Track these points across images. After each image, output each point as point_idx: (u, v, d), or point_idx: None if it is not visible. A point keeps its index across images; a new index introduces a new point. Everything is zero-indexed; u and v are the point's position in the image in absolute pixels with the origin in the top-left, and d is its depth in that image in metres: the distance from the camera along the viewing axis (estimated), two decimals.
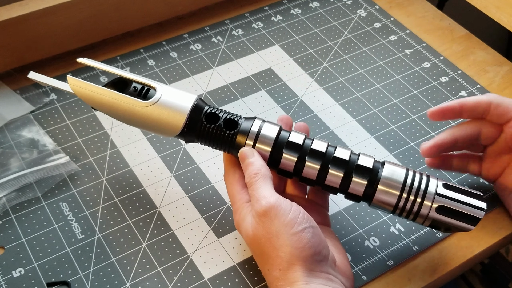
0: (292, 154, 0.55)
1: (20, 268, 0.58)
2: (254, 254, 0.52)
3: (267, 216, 0.49)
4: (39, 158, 0.66)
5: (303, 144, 0.55)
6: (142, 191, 0.65)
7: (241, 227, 0.53)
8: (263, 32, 0.84)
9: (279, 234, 0.48)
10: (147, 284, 0.57)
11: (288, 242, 0.48)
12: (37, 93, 0.73)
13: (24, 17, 0.71)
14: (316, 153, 0.54)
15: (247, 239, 0.52)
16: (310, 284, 0.47)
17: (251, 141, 0.55)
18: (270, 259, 0.49)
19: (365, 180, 0.54)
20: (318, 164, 0.54)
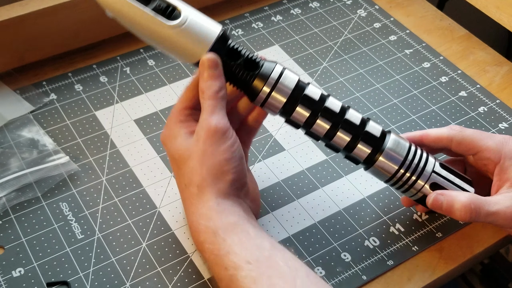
0: (306, 109, 0.54)
1: (20, 268, 0.58)
2: (177, 168, 0.54)
3: (212, 137, 0.50)
4: (39, 158, 0.66)
5: (318, 100, 0.54)
6: (142, 191, 0.65)
7: (169, 142, 0.54)
8: (263, 32, 0.84)
9: (213, 156, 0.50)
10: (147, 284, 0.57)
11: (218, 165, 0.50)
12: (37, 93, 0.73)
13: (24, 17, 0.71)
14: (329, 112, 0.54)
15: (175, 153, 0.53)
16: (221, 205, 0.50)
17: (268, 87, 0.53)
18: (192, 176, 0.51)
19: (370, 148, 0.55)
20: (328, 124, 0.54)
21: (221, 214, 0.50)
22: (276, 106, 0.54)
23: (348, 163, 0.68)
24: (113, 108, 0.73)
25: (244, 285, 0.46)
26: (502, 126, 0.73)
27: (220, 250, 0.48)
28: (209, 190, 0.51)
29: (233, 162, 0.51)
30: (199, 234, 0.50)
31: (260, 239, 0.49)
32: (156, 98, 0.74)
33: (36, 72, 0.76)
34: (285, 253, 0.49)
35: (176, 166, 0.54)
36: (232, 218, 0.50)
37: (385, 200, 0.65)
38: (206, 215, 0.50)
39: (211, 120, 0.51)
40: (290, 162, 0.68)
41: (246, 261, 0.47)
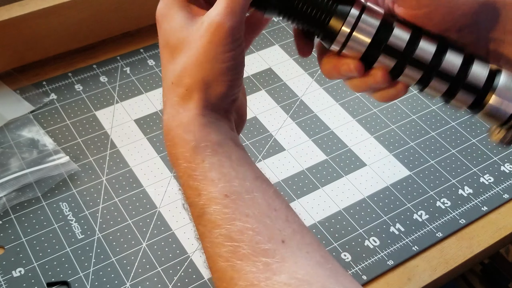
0: (391, 58, 0.44)
1: (20, 268, 0.58)
2: (168, 55, 0.44)
3: (220, 39, 0.42)
4: (39, 158, 0.66)
5: (406, 45, 0.44)
6: (142, 191, 0.65)
7: (165, 21, 0.45)
8: (263, 32, 0.84)
9: (214, 61, 0.42)
10: (147, 284, 0.57)
11: (216, 72, 0.43)
12: (37, 93, 0.73)
13: (24, 17, 0.71)
14: (419, 62, 0.44)
15: (171, 36, 0.44)
16: (206, 117, 0.43)
17: (348, 27, 0.43)
18: (184, 75, 0.43)
19: (471, 99, 0.45)
20: (418, 75, 0.44)
21: (204, 128, 0.43)
22: (356, 53, 0.45)
23: (348, 163, 0.68)
24: (113, 108, 0.73)
25: (215, 220, 0.40)
26: None
27: (196, 171, 0.42)
28: (198, 96, 0.43)
29: (234, 73, 0.43)
30: (175, 146, 0.43)
31: (242, 166, 0.42)
32: (156, 98, 0.74)
33: (36, 72, 0.76)
34: (268, 188, 0.42)
35: (169, 52, 0.44)
36: (215, 136, 0.43)
37: (385, 200, 0.65)
38: (187, 125, 0.43)
39: (226, 20, 0.41)
40: (290, 162, 0.68)
41: (221, 193, 0.41)
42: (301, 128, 0.72)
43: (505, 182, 0.67)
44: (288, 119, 0.73)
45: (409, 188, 0.66)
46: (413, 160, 0.69)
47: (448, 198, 0.66)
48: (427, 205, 0.65)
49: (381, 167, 0.68)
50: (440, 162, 0.69)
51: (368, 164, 0.68)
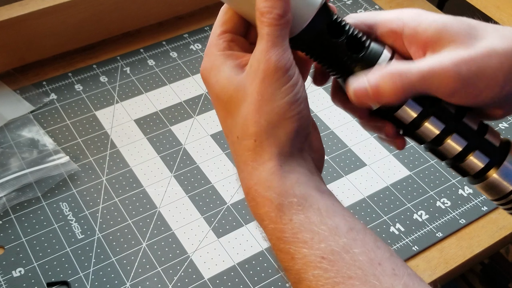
0: (436, 127, 0.41)
1: (20, 268, 0.58)
2: (224, 112, 0.42)
3: (272, 76, 0.39)
4: (39, 158, 0.66)
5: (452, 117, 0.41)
6: (142, 191, 0.65)
7: (212, 77, 0.42)
8: None
9: (273, 100, 0.40)
10: (147, 284, 0.57)
11: (279, 111, 0.40)
12: (37, 93, 0.73)
13: (24, 17, 0.71)
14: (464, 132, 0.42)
15: (221, 92, 0.41)
16: (284, 166, 0.40)
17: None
18: (247, 125, 0.40)
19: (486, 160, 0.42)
20: (459, 147, 0.42)
21: (284, 181, 0.39)
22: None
23: (348, 163, 0.68)
24: (113, 108, 0.73)
25: (315, 287, 0.37)
26: (502, 126, 0.73)
27: (285, 232, 0.38)
28: (269, 143, 0.40)
29: (297, 106, 0.40)
30: (257, 206, 0.40)
31: (333, 218, 0.39)
32: (156, 98, 0.74)
33: (36, 72, 0.76)
34: (365, 239, 0.38)
35: (224, 109, 0.42)
36: (298, 188, 0.39)
37: (385, 200, 0.65)
38: (266, 181, 0.39)
39: (271, 54, 0.39)
40: None
41: (317, 255, 0.37)
42: None
43: None
44: None
45: (409, 188, 0.66)
46: (413, 160, 0.69)
47: (448, 198, 0.66)
48: (427, 205, 0.65)
49: (381, 167, 0.68)
50: (440, 162, 0.69)
51: (368, 164, 0.68)
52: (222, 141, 0.70)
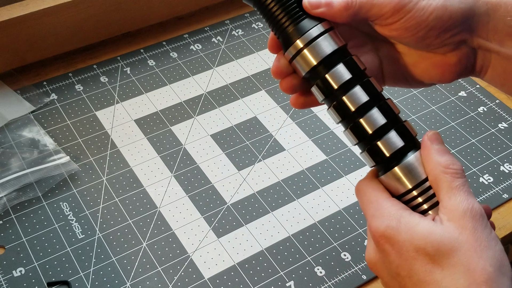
0: (320, 93, 0.45)
1: (21, 267, 0.58)
2: (430, 264, 0.40)
3: (481, 223, 0.40)
4: (40, 158, 0.66)
5: (339, 87, 0.44)
6: (142, 191, 0.65)
7: (405, 230, 0.40)
8: (263, 32, 0.84)
9: (489, 246, 0.40)
10: (147, 284, 0.57)
11: (497, 255, 0.40)
12: (37, 93, 0.73)
13: (24, 17, 0.71)
14: (343, 107, 0.44)
15: (425, 244, 0.40)
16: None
17: (302, 42, 0.44)
18: (469, 272, 0.39)
19: (371, 163, 0.45)
20: (337, 118, 0.45)
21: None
22: (302, 69, 0.45)
23: (348, 163, 0.68)
24: (113, 108, 0.73)
25: None
26: (501, 126, 0.73)
27: None
28: (501, 283, 0.39)
29: (502, 251, 0.40)
30: None
31: None
32: (156, 98, 0.74)
33: (37, 72, 0.76)
34: None
35: (430, 260, 0.40)
36: None
37: None
38: None
39: (472, 202, 0.40)
40: (290, 162, 0.68)
41: None
42: (301, 128, 0.72)
43: (504, 182, 0.67)
44: (288, 119, 0.73)
45: None
46: None
47: None
48: None
49: None
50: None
51: None
52: (222, 141, 0.70)
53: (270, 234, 0.62)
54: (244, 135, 0.71)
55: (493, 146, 0.71)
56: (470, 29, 0.45)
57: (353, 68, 0.44)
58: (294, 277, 0.58)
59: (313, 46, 0.44)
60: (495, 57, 0.46)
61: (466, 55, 0.46)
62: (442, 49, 0.45)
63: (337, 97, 0.44)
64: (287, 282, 0.58)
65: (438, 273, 0.39)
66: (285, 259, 0.60)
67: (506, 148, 0.71)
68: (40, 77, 0.76)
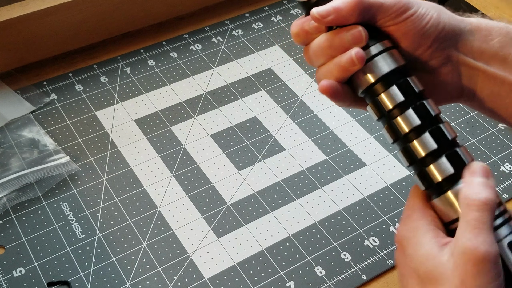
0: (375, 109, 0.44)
1: (21, 267, 0.58)
2: (417, 281, 0.40)
3: (477, 267, 0.37)
4: (40, 158, 0.66)
5: (392, 109, 0.43)
6: (142, 191, 0.65)
7: (410, 248, 0.41)
8: (263, 32, 0.84)
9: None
10: (147, 284, 0.57)
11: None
12: (37, 93, 0.73)
13: (24, 17, 0.71)
14: (393, 126, 0.43)
15: (418, 266, 0.40)
16: None
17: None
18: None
19: (422, 185, 0.43)
20: (387, 134, 0.44)
21: None
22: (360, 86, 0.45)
23: (347, 163, 0.68)
24: (113, 108, 0.73)
25: None
26: (501, 126, 0.73)
27: None
28: None
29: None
30: None
31: None
32: (156, 98, 0.74)
33: (37, 72, 0.76)
34: None
35: (418, 282, 0.40)
36: None
37: (385, 200, 0.65)
38: None
39: (477, 242, 0.37)
40: (290, 162, 0.68)
41: None
42: (301, 128, 0.72)
43: (504, 182, 0.67)
44: (288, 119, 0.73)
45: (408, 188, 0.66)
46: None
47: None
48: None
49: (380, 167, 0.68)
50: None
51: (368, 164, 0.69)
52: (222, 141, 0.70)
53: (270, 234, 0.62)
54: (244, 135, 0.71)
55: (493, 146, 0.71)
56: (457, 47, 0.46)
57: (406, 90, 0.43)
58: (294, 277, 0.58)
59: (370, 64, 0.43)
60: (482, 78, 0.46)
61: (451, 74, 0.46)
62: (430, 64, 0.46)
63: (389, 119, 0.43)
64: (287, 282, 0.58)
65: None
66: (285, 259, 0.60)
67: (506, 148, 0.71)
68: (40, 77, 0.76)
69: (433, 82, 0.47)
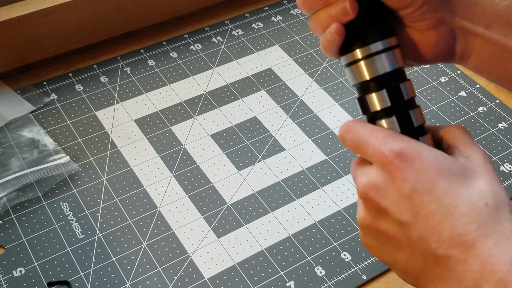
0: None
1: (21, 267, 0.58)
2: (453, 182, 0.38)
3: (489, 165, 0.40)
4: (40, 158, 0.66)
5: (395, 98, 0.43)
6: (142, 191, 0.65)
7: (427, 150, 0.39)
8: (263, 32, 0.84)
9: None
10: (147, 284, 0.57)
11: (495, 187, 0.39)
12: (37, 93, 0.73)
13: (24, 17, 0.71)
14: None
15: (451, 164, 0.39)
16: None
17: (362, 53, 0.43)
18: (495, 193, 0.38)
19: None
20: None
21: None
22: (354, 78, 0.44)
23: (348, 163, 0.68)
24: (113, 108, 0.73)
25: None
26: (501, 126, 0.73)
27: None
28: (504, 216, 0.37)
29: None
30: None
31: None
32: (156, 98, 0.74)
33: (37, 72, 0.76)
34: None
35: (456, 179, 0.38)
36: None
37: None
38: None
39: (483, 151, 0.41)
40: (290, 162, 0.68)
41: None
42: (301, 128, 0.72)
43: (504, 182, 0.67)
44: (288, 119, 0.73)
45: None
46: None
47: None
48: None
49: None
50: None
51: None
52: (222, 141, 0.70)
53: (270, 234, 0.62)
54: (244, 135, 0.71)
55: (493, 146, 0.71)
56: (453, 10, 0.43)
57: (395, 96, 0.43)
58: (294, 277, 0.58)
59: (371, 60, 0.43)
60: (480, 42, 0.44)
61: (444, 37, 0.44)
62: (421, 24, 0.43)
63: (372, 119, 0.43)
64: (287, 282, 0.58)
65: (464, 189, 0.38)
66: (285, 259, 0.60)
67: (506, 148, 0.71)
68: (40, 77, 0.76)
69: (422, 42, 0.44)
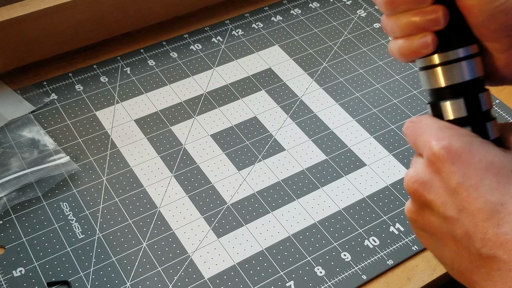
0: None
1: (21, 267, 0.58)
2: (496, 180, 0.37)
3: None
4: (40, 158, 0.66)
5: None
6: (142, 191, 0.65)
7: (478, 146, 0.39)
8: (263, 32, 0.84)
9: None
10: (147, 284, 0.57)
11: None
12: (37, 93, 0.73)
13: (24, 17, 0.71)
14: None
15: (503, 160, 0.38)
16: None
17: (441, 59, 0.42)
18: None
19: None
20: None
21: None
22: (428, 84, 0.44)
23: (347, 163, 0.68)
24: (113, 108, 0.73)
25: None
26: None
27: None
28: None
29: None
30: None
31: None
32: (157, 98, 0.74)
33: (37, 72, 0.76)
34: None
35: (505, 175, 0.38)
36: None
37: (385, 200, 0.65)
38: None
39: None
40: (290, 162, 0.68)
41: None
42: (301, 128, 0.72)
43: None
44: (288, 119, 0.73)
45: None
46: None
47: None
48: None
49: (381, 167, 0.68)
50: None
51: (368, 164, 0.69)
52: (222, 141, 0.70)
53: (270, 234, 0.62)
54: (244, 135, 0.71)
55: None
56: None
57: (472, 107, 0.42)
58: (294, 277, 0.58)
59: (450, 67, 0.41)
60: None
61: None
62: (493, 45, 0.42)
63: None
64: (287, 282, 0.58)
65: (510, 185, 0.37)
66: (285, 259, 0.60)
67: None
68: (40, 77, 0.76)
69: (493, 63, 0.43)
